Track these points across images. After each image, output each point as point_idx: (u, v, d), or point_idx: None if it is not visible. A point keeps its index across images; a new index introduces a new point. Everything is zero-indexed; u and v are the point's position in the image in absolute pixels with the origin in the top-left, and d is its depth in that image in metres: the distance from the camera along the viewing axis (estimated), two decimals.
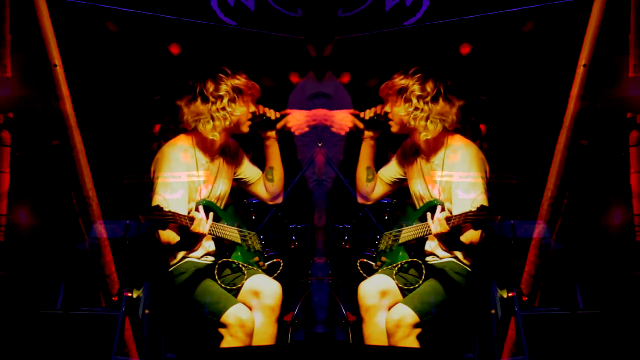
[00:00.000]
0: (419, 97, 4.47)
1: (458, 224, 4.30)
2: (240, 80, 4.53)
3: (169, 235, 4.39)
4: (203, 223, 4.39)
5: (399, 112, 4.50)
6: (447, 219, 4.33)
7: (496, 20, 4.98)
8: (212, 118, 4.49)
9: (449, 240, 4.39)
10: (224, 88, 4.50)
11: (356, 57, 5.04)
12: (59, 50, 4.79)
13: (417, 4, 4.99)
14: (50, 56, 4.77)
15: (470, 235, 4.38)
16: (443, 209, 4.45)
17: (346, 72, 5.06)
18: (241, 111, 4.53)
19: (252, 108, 4.58)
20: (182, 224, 4.34)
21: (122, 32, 5.00)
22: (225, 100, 4.49)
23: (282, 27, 5.02)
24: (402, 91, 4.49)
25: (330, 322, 4.83)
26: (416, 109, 4.48)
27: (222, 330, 4.37)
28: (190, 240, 4.41)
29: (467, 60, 5.06)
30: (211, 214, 4.45)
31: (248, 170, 4.75)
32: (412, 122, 4.49)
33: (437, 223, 4.37)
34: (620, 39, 4.83)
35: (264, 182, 4.75)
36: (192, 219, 4.36)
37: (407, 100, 4.48)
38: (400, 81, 4.50)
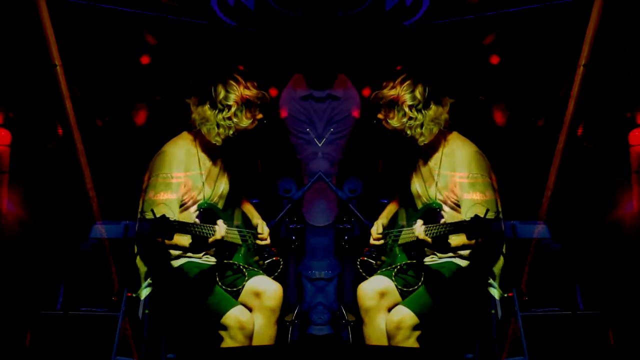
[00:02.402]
0: (410, 107, 4.45)
1: (439, 234, 4.32)
2: (251, 91, 4.51)
3: (178, 239, 4.40)
4: (219, 235, 4.40)
5: (392, 123, 4.49)
6: (427, 231, 4.35)
7: (496, 20, 4.98)
8: (218, 125, 4.49)
9: (436, 247, 4.41)
10: (233, 97, 4.48)
11: (356, 57, 5.03)
12: (58, 50, 4.79)
13: (417, 4, 4.98)
14: (51, 56, 4.76)
15: (458, 239, 4.39)
16: (441, 211, 4.45)
17: (367, 87, 5.04)
18: (247, 122, 4.52)
19: (259, 116, 4.57)
20: (201, 235, 4.36)
21: (122, 32, 5.00)
22: (232, 110, 4.48)
23: (282, 27, 5.02)
24: (393, 102, 4.48)
25: (330, 322, 4.83)
26: (410, 118, 4.46)
27: (221, 332, 4.37)
28: (200, 246, 4.43)
29: (466, 60, 5.06)
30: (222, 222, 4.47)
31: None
32: (409, 132, 4.47)
33: (420, 235, 4.38)
34: (620, 39, 4.83)
35: None
36: (213, 231, 4.37)
37: (400, 111, 4.47)
38: (389, 92, 4.48)
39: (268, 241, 4.59)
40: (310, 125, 4.96)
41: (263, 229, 4.60)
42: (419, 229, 4.35)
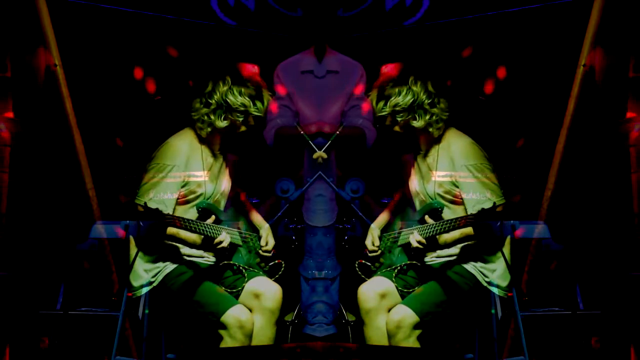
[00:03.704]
0: (430, 104, 4.49)
1: (435, 233, 4.39)
2: (234, 97, 4.50)
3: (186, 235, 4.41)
4: (220, 239, 4.42)
5: (416, 124, 4.50)
6: (421, 232, 4.41)
7: (496, 20, 4.98)
8: (201, 120, 4.51)
9: (430, 247, 4.44)
10: (215, 97, 4.50)
11: (356, 57, 5.03)
12: (59, 50, 4.79)
13: (417, 4, 4.99)
14: (50, 56, 4.77)
15: (445, 237, 4.41)
16: (441, 211, 4.46)
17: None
18: (223, 125, 4.51)
19: (243, 128, 4.56)
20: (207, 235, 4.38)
21: (122, 32, 5.00)
22: (212, 108, 4.50)
23: (282, 27, 5.02)
24: (412, 105, 4.49)
25: (330, 322, 4.83)
26: (431, 115, 4.49)
27: (221, 332, 4.37)
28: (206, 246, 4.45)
29: (467, 60, 5.06)
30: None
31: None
32: (430, 129, 4.50)
33: (421, 241, 4.41)
34: (620, 39, 4.82)
35: None
36: (209, 228, 4.38)
37: (421, 110, 4.49)
38: (405, 97, 4.49)
39: (270, 254, 4.61)
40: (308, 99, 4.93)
41: (268, 241, 4.61)
42: (412, 238, 4.40)
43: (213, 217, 4.48)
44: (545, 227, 4.45)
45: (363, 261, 4.66)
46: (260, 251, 4.60)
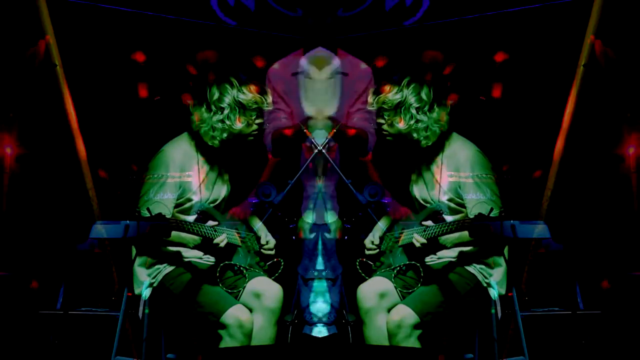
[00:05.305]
0: (417, 109, 4.47)
1: (436, 235, 4.38)
2: (246, 96, 4.50)
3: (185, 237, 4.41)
4: (218, 240, 4.42)
5: (399, 127, 4.49)
6: (423, 233, 4.40)
7: (496, 20, 4.98)
8: (212, 128, 4.49)
9: (431, 248, 4.44)
10: (226, 100, 4.49)
11: (356, 57, 5.03)
12: (59, 50, 4.79)
13: (417, 4, 4.98)
14: (51, 56, 4.77)
15: (445, 239, 4.41)
16: (442, 214, 4.46)
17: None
18: (241, 126, 4.51)
19: (259, 120, 4.56)
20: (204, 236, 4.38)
21: (122, 32, 5.00)
22: (225, 113, 4.48)
23: (282, 27, 5.02)
24: (399, 105, 4.48)
25: (330, 322, 4.83)
26: (417, 121, 4.47)
27: (221, 331, 4.37)
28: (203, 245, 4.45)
29: (467, 60, 5.06)
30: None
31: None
32: (415, 135, 4.48)
33: (419, 243, 4.42)
34: (620, 39, 4.83)
35: None
36: (212, 230, 4.38)
37: (407, 114, 4.48)
38: (395, 96, 4.48)
39: (273, 252, 4.61)
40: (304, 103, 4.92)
41: (268, 240, 4.61)
42: (415, 239, 4.39)
43: (211, 220, 4.48)
44: (545, 227, 4.44)
45: (364, 259, 4.66)
46: (262, 251, 4.60)
